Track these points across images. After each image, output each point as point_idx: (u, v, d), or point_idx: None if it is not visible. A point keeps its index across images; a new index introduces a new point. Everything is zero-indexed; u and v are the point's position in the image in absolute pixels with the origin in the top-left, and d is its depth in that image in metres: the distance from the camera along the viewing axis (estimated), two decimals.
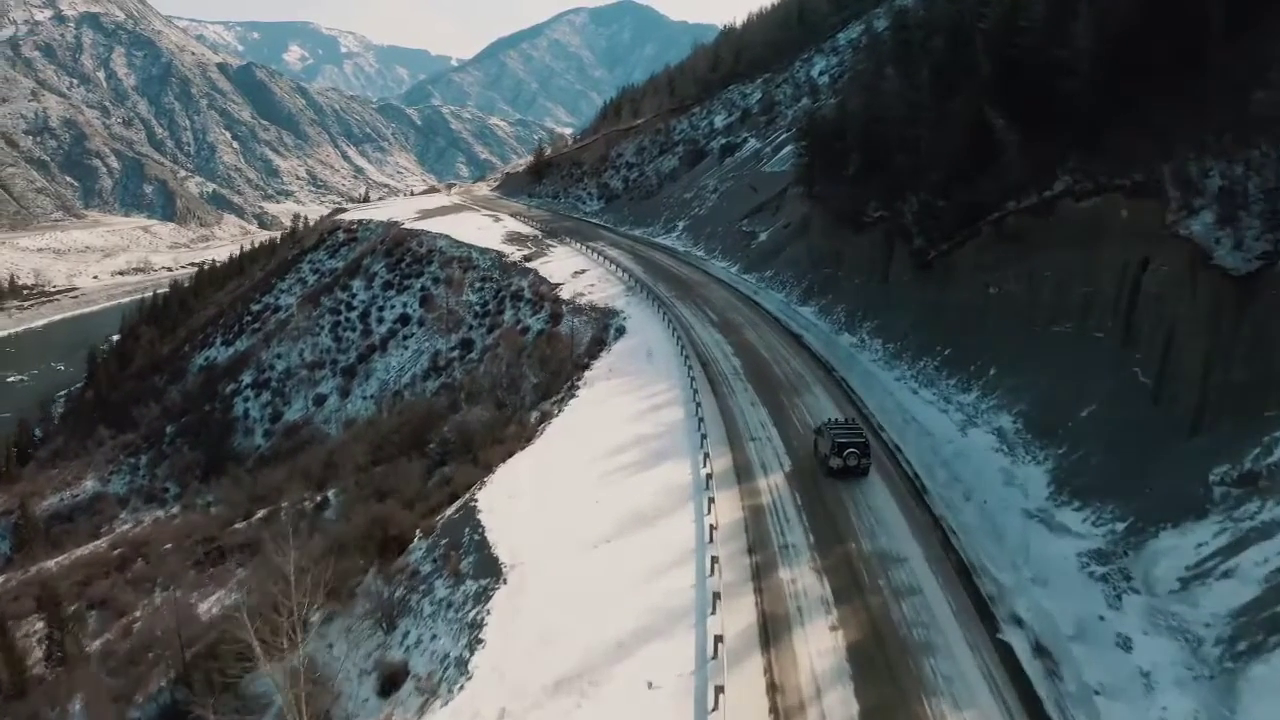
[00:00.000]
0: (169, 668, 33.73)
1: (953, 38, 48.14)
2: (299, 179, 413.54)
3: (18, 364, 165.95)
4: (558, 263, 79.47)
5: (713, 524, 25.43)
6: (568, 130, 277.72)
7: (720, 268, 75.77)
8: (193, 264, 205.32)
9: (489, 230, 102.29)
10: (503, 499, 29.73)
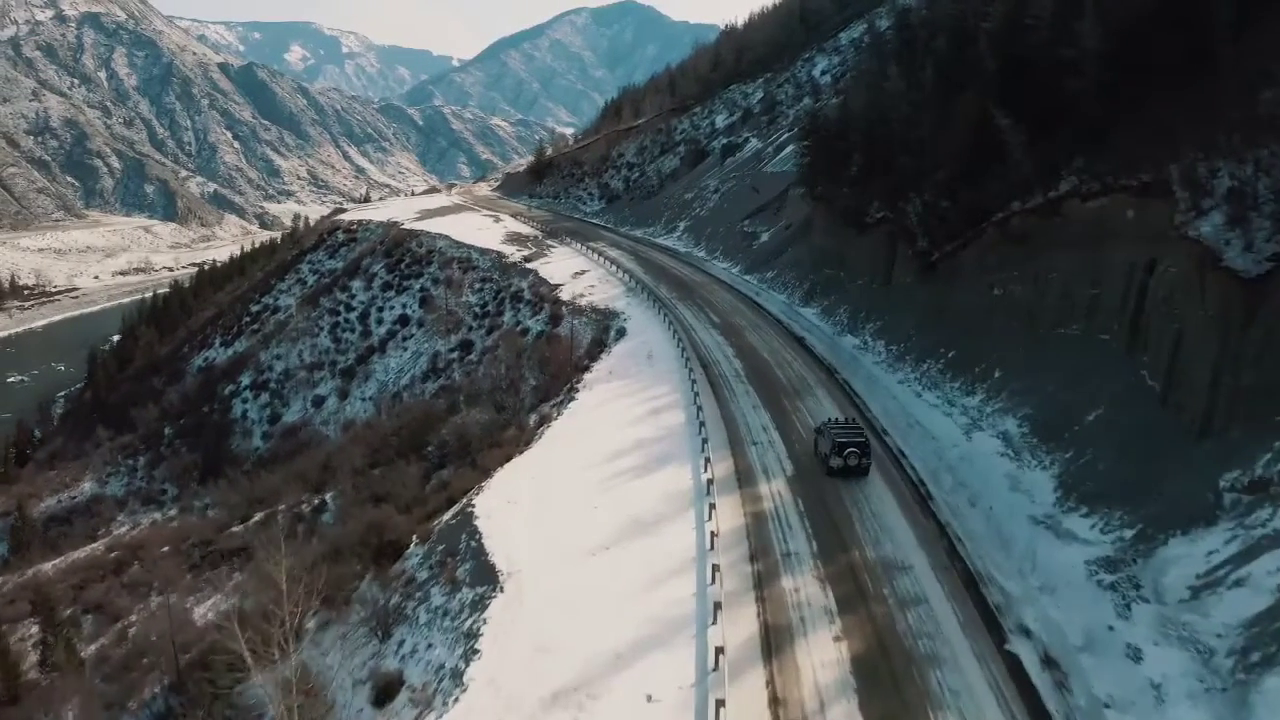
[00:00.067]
0: (163, 675, 33.39)
1: (956, 37, 47.81)
2: (300, 179, 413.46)
3: (18, 364, 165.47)
4: (558, 263, 79.11)
5: (714, 531, 24.98)
6: (569, 130, 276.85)
7: (721, 269, 75.45)
8: (194, 264, 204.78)
9: (489, 231, 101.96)
10: (500, 504, 29.28)
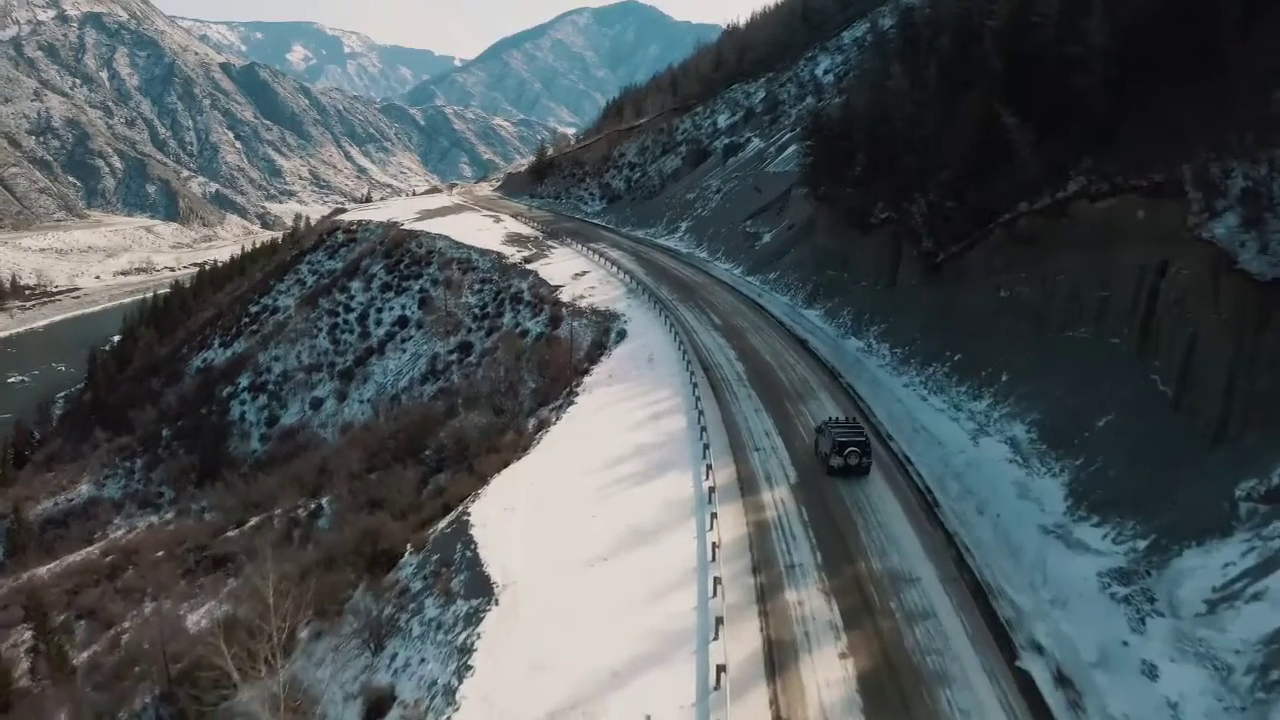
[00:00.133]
0: (153, 684, 32.80)
1: (960, 35, 47.17)
2: (302, 179, 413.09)
3: (19, 365, 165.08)
4: (558, 264, 78.49)
5: (715, 541, 24.33)
6: (570, 130, 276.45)
7: (723, 270, 74.80)
8: (195, 264, 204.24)
9: (489, 231, 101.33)
10: (497, 513, 28.65)
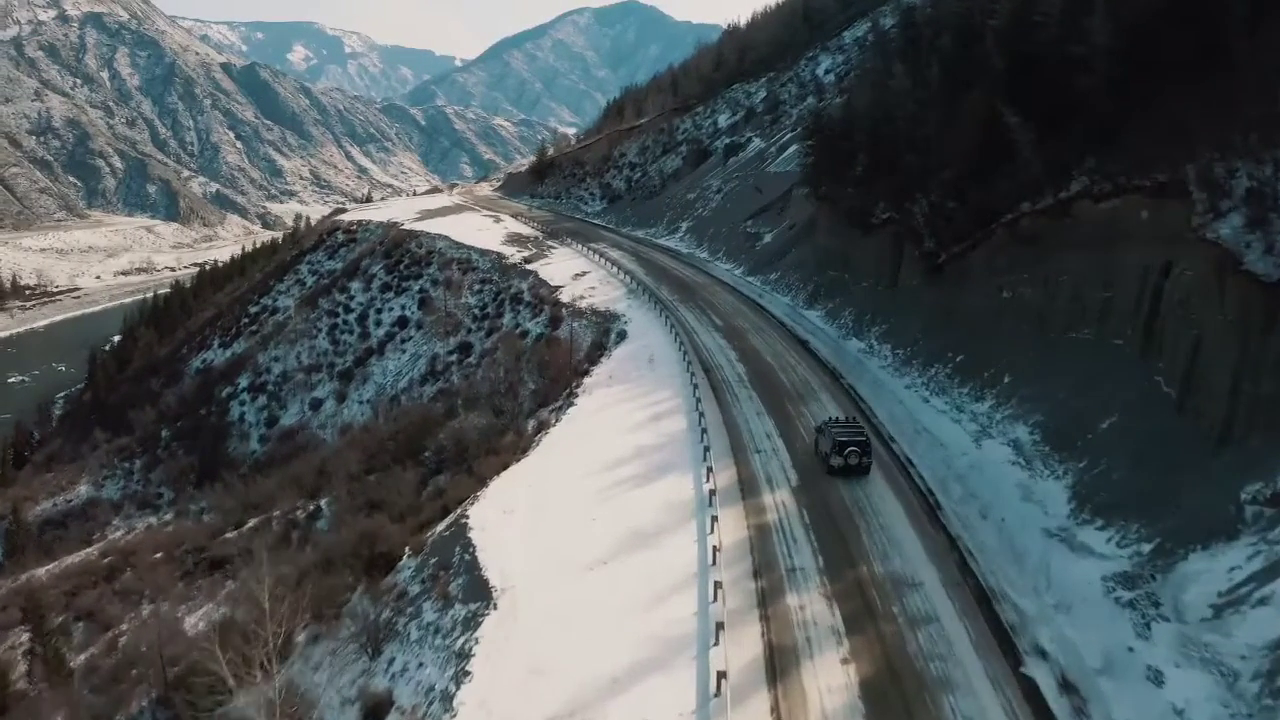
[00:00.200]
0: (151, 688, 32.59)
1: (962, 34, 46.96)
2: (303, 179, 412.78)
3: (19, 365, 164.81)
4: (558, 264, 78.26)
5: (716, 545, 24.09)
6: (571, 130, 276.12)
7: (724, 270, 74.59)
8: (196, 264, 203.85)
9: (489, 231, 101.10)
10: (496, 515, 28.42)
